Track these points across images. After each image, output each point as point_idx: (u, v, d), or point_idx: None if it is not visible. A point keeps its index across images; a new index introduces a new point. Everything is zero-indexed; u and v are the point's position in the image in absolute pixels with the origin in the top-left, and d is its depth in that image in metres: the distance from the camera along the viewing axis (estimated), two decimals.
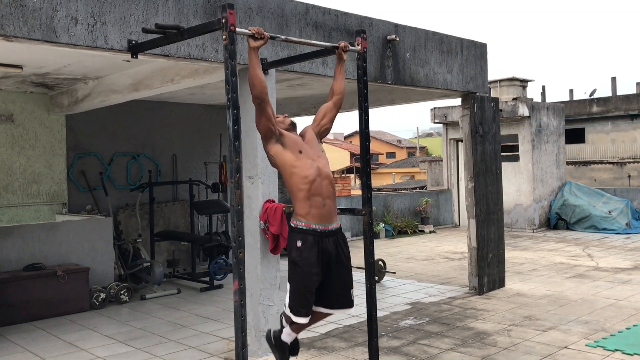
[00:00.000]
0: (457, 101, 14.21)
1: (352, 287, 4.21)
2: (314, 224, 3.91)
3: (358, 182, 48.41)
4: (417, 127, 62.05)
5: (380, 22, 6.50)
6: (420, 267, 9.73)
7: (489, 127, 7.78)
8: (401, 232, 14.13)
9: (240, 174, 3.71)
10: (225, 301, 7.56)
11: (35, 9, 4.08)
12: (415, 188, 28.62)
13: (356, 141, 68.10)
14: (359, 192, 30.00)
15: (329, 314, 4.28)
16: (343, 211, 4.94)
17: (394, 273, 8.80)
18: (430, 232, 14.55)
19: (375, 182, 44.30)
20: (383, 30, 6.52)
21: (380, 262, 8.54)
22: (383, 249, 11.99)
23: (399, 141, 68.99)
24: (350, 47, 4.42)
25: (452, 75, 7.38)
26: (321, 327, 6.24)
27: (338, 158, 56.02)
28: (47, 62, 6.40)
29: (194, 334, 6.14)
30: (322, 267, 3.94)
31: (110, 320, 6.82)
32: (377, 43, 6.44)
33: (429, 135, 74.57)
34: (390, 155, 64.40)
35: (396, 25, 6.68)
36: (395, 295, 7.66)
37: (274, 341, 4.22)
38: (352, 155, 59.88)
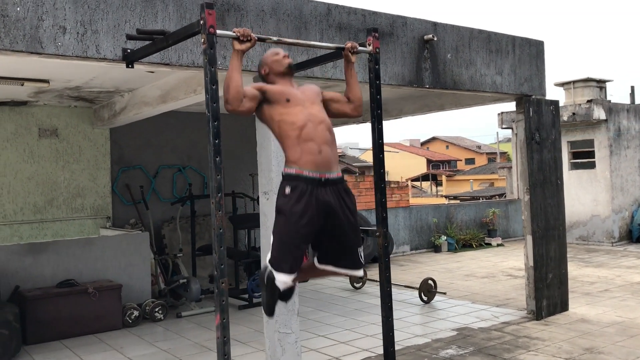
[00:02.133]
0: None
1: (359, 245, 3.61)
2: (307, 170, 3.34)
3: (434, 189, 47.20)
4: (497, 132, 59.96)
5: (415, 21, 5.93)
6: (478, 286, 8.98)
7: (548, 132, 7.00)
8: (465, 246, 13.29)
9: (221, 193, 3.30)
10: (260, 321, 7.15)
11: (18, 18, 3.85)
12: (493, 196, 27.41)
13: (433, 147, 66.71)
14: (425, 200, 28.90)
15: (336, 273, 3.72)
16: None
17: (444, 293, 8.12)
18: (498, 245, 13.62)
19: (452, 190, 43.04)
20: (419, 30, 5.95)
21: (430, 282, 7.90)
22: (442, 264, 11.27)
23: (479, 147, 66.95)
24: (360, 48, 3.91)
25: (503, 76, 6.68)
26: (352, 356, 5.72)
27: (415, 165, 54.97)
28: (72, 75, 6.29)
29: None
30: (320, 218, 3.38)
31: (139, 341, 6.59)
32: (412, 44, 5.88)
33: (511, 140, 71.91)
34: (470, 161, 62.55)
35: (435, 24, 6.09)
36: (442, 319, 7.00)
37: (266, 281, 3.66)
38: (429, 161, 58.61)
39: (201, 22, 3.22)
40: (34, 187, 8.37)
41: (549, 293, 6.91)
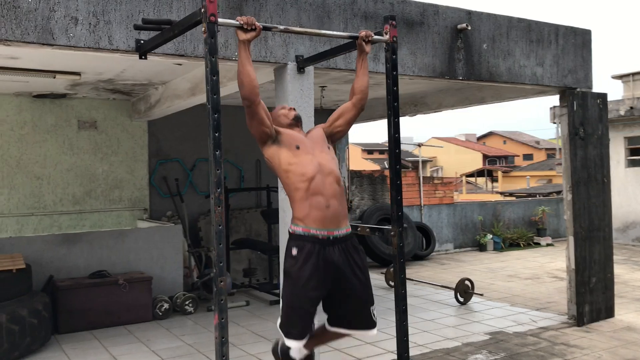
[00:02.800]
0: None
1: (372, 303, 3.51)
2: (314, 228, 3.27)
3: (489, 185, 46.05)
4: (557, 127, 57.95)
5: (448, 10, 5.65)
6: (520, 288, 8.59)
7: (593, 128, 6.58)
8: (512, 245, 12.81)
9: (221, 188, 3.18)
10: None
11: (30, 9, 3.83)
12: (550, 193, 26.47)
13: (490, 142, 65.11)
14: (480, 197, 28.15)
15: (347, 335, 3.61)
16: (372, 230, 4.24)
17: (481, 295, 7.80)
18: (548, 245, 13.07)
19: (508, 186, 41.88)
20: (452, 19, 5.67)
21: (467, 282, 7.60)
22: (486, 263, 10.88)
23: (537, 142, 65.00)
24: (376, 37, 3.71)
25: (544, 68, 6.31)
26: (376, 358, 5.53)
27: (470, 160, 53.88)
28: (102, 67, 6.30)
29: (238, 356, 5.69)
30: (328, 281, 3.29)
31: (166, 334, 6.58)
32: (444, 33, 5.60)
33: None
34: (528, 157, 60.81)
35: (469, 12, 5.79)
36: (477, 322, 6.71)
37: (281, 355, 3.60)
38: (485, 157, 57.33)
39: (202, 10, 3.10)
40: (73, 179, 8.51)
41: (592, 298, 6.51)
